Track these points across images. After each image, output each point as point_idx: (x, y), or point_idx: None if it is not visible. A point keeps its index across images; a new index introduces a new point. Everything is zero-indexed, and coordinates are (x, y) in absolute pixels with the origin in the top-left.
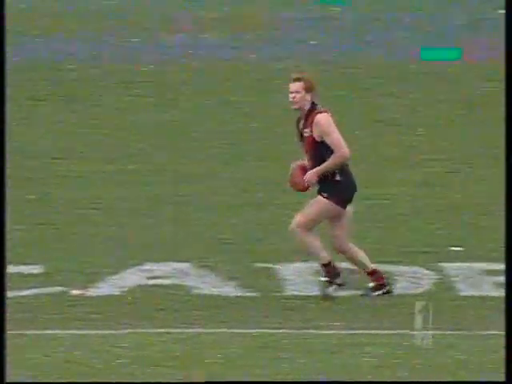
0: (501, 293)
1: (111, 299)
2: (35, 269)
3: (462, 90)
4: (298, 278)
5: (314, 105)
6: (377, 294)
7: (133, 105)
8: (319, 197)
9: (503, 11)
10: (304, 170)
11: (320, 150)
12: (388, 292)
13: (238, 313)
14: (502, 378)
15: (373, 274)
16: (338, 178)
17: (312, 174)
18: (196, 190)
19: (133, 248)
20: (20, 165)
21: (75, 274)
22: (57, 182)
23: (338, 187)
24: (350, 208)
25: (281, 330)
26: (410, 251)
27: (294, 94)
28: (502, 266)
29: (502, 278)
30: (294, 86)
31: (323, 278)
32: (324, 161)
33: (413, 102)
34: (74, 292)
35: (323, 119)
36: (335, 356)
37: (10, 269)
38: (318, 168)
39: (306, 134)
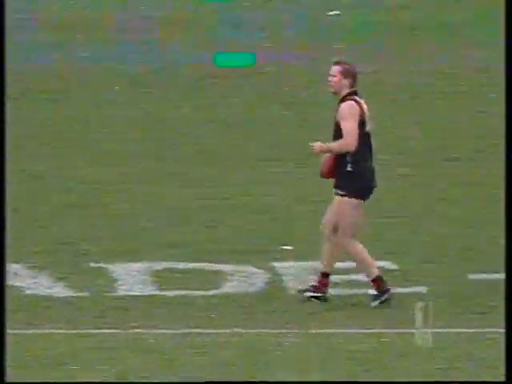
0: (336, 291)
1: None
2: None
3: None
4: (131, 277)
5: (352, 92)
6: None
7: None
8: (337, 198)
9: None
10: (334, 160)
11: (340, 137)
12: (322, 298)
13: (70, 313)
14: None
15: (323, 276)
16: (349, 168)
17: (319, 145)
18: (25, 189)
19: None
20: None
21: None
22: None
23: (351, 178)
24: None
25: (111, 330)
26: (243, 250)
27: (330, 77)
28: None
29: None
30: (332, 70)
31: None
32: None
33: None
34: None
35: (346, 105)
36: (169, 356)
37: None
38: (327, 144)
39: (336, 119)
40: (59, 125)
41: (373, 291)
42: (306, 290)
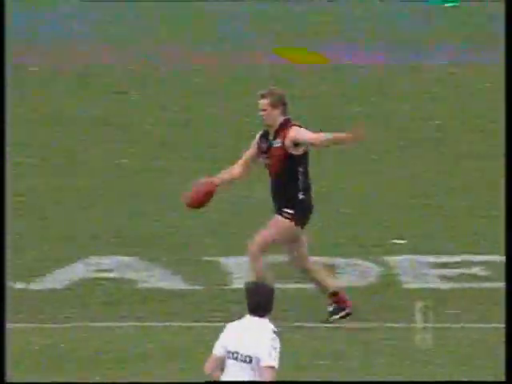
0: (445, 285)
1: (55, 293)
2: None
3: None
4: (243, 271)
5: (287, 119)
6: (335, 318)
7: None
8: (278, 217)
9: None
10: (208, 192)
11: (289, 163)
12: (347, 315)
13: (184, 307)
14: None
15: (334, 295)
16: (300, 196)
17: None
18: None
19: (78, 241)
20: None
21: (19, 267)
22: None
23: (300, 206)
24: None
25: (222, 323)
26: (356, 244)
27: (261, 112)
28: (446, 259)
29: (446, 271)
30: (260, 104)
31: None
32: (295, 174)
33: None
34: (18, 285)
35: (296, 129)
36: None
37: None
38: (332, 136)
39: (275, 145)
40: None
41: None
42: (333, 316)
